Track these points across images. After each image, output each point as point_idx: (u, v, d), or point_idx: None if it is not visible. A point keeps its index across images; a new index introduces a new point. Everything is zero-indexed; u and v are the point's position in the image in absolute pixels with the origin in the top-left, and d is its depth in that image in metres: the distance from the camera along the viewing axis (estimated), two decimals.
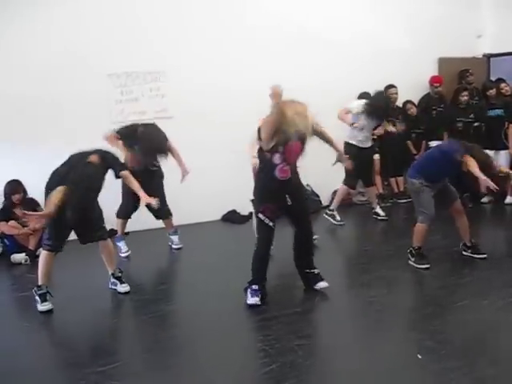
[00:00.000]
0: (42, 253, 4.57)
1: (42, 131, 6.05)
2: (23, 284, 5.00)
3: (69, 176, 4.26)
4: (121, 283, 4.80)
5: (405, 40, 8.11)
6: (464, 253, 5.34)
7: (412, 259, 5.14)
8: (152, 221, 5.97)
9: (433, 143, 7.51)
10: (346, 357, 3.57)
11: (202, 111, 6.73)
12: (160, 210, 5.86)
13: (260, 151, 4.35)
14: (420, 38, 8.20)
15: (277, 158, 4.26)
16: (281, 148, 4.23)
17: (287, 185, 4.37)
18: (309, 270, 4.59)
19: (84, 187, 4.26)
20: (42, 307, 4.40)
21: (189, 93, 6.66)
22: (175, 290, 5.17)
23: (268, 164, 4.29)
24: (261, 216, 4.38)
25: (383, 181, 8.13)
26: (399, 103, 8.18)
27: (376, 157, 7.56)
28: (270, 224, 4.36)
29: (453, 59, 8.47)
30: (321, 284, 4.56)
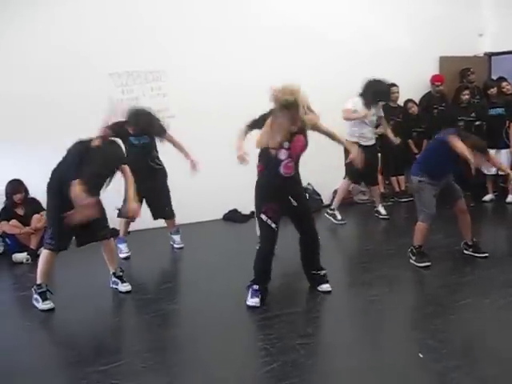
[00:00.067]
0: (44, 252, 4.54)
1: (43, 131, 6.04)
2: (24, 283, 5.00)
3: (83, 168, 4.21)
4: (122, 282, 4.80)
5: (406, 39, 8.11)
6: (465, 252, 5.34)
7: (413, 258, 5.14)
8: (153, 220, 5.97)
9: None
10: (348, 356, 3.57)
11: (204, 110, 6.72)
12: (164, 211, 5.87)
13: (263, 150, 4.29)
14: (421, 37, 8.21)
15: (282, 154, 4.23)
16: (286, 144, 4.21)
17: (290, 182, 4.34)
18: (315, 272, 4.58)
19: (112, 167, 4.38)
20: (44, 306, 4.40)
21: (190, 92, 6.65)
22: (177, 289, 5.17)
23: (273, 161, 4.25)
24: (263, 217, 4.30)
25: (384, 180, 8.13)
26: (400, 102, 8.19)
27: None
28: (273, 225, 4.28)
29: (454, 58, 8.46)
30: (324, 286, 4.55)
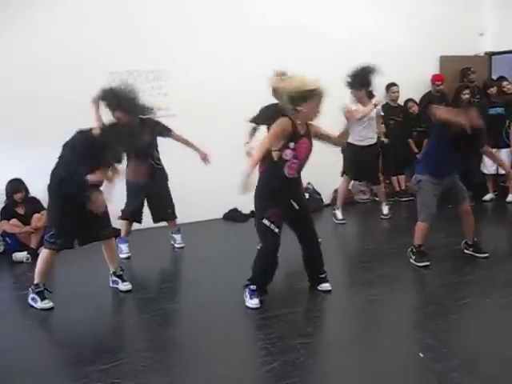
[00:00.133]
0: (44, 251, 4.52)
1: (43, 130, 6.02)
2: (24, 282, 4.99)
3: (88, 160, 4.26)
4: (122, 281, 4.79)
5: (406, 38, 8.11)
6: (466, 251, 5.34)
7: (413, 257, 5.14)
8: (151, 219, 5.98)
9: None
10: (348, 355, 3.56)
11: (205, 109, 6.71)
12: (165, 213, 5.86)
13: (268, 151, 4.19)
14: (421, 36, 8.21)
15: (287, 154, 4.18)
16: (292, 144, 4.17)
17: (292, 184, 4.31)
18: (316, 274, 4.57)
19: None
20: (43, 305, 4.39)
21: (191, 91, 6.64)
22: (177, 289, 5.17)
23: (277, 163, 4.19)
24: (266, 222, 4.19)
25: (385, 179, 8.13)
26: (400, 101, 8.19)
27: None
28: (276, 230, 4.21)
29: (454, 57, 8.46)
30: (324, 285, 4.55)
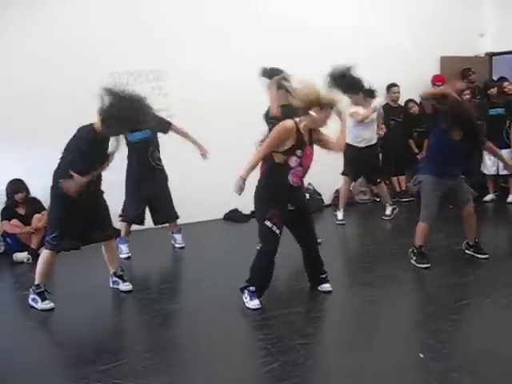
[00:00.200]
0: (44, 251, 4.52)
1: (43, 131, 6.03)
2: (25, 283, 4.99)
3: (91, 156, 4.32)
4: (123, 282, 4.79)
5: (407, 39, 8.12)
6: (466, 251, 5.34)
7: (413, 258, 5.13)
8: (153, 225, 5.99)
9: None
10: (348, 355, 3.56)
11: (205, 110, 6.72)
12: (166, 215, 5.85)
13: (270, 154, 4.16)
14: (422, 37, 8.21)
15: (293, 161, 4.13)
16: (299, 152, 4.13)
17: (295, 191, 4.28)
18: (316, 275, 4.57)
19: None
20: (44, 305, 4.39)
21: (191, 91, 6.65)
22: (177, 289, 5.17)
23: (281, 167, 4.16)
24: (268, 223, 4.18)
25: (385, 180, 8.12)
26: (401, 102, 8.18)
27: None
28: (277, 232, 4.20)
29: (455, 58, 8.46)
30: (324, 286, 4.55)
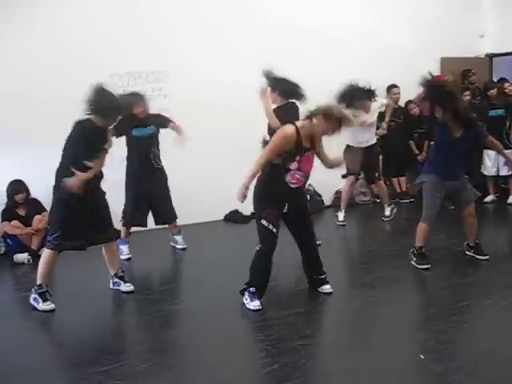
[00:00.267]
0: (46, 251, 4.51)
1: (43, 131, 6.02)
2: (26, 284, 4.99)
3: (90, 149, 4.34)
4: (124, 282, 4.79)
5: (407, 39, 8.12)
6: (467, 252, 5.34)
7: (414, 259, 5.14)
8: (155, 225, 5.99)
9: None
10: (348, 357, 3.56)
11: (205, 110, 6.71)
12: (167, 216, 5.86)
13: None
14: (422, 38, 8.22)
15: (291, 165, 4.19)
16: (298, 157, 4.18)
17: (294, 192, 4.29)
18: (316, 276, 4.57)
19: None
20: (45, 307, 4.38)
21: (191, 92, 6.64)
22: (178, 290, 5.17)
23: (279, 168, 4.20)
24: (264, 222, 4.24)
25: (385, 181, 8.12)
26: (401, 103, 8.18)
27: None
28: (274, 230, 4.24)
29: (455, 59, 8.46)
30: (325, 287, 4.55)
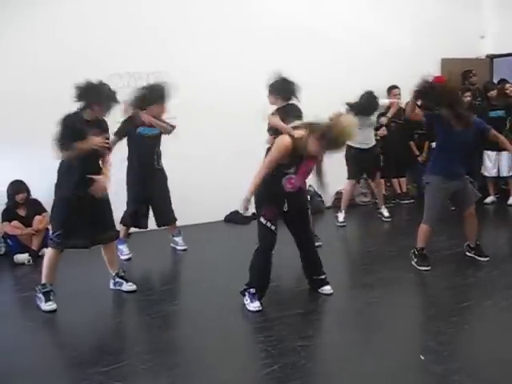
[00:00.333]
0: (48, 250, 4.52)
1: (43, 131, 5.98)
2: (26, 284, 5.00)
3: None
4: (126, 282, 4.79)
5: (407, 40, 8.12)
6: (467, 253, 5.35)
7: (414, 260, 5.14)
8: (153, 221, 5.96)
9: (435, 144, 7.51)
10: (348, 358, 3.57)
11: (205, 111, 6.70)
12: (168, 217, 5.85)
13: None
14: (423, 39, 8.21)
15: (288, 170, 4.22)
16: (293, 168, 4.20)
17: (293, 194, 4.31)
18: (316, 277, 4.58)
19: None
20: (46, 307, 4.38)
21: (191, 93, 6.62)
22: (178, 291, 5.17)
23: (277, 171, 4.21)
24: (262, 220, 4.28)
25: (386, 182, 8.13)
26: (402, 104, 8.17)
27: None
28: (273, 228, 4.26)
29: (456, 60, 8.46)
30: (325, 288, 4.55)
